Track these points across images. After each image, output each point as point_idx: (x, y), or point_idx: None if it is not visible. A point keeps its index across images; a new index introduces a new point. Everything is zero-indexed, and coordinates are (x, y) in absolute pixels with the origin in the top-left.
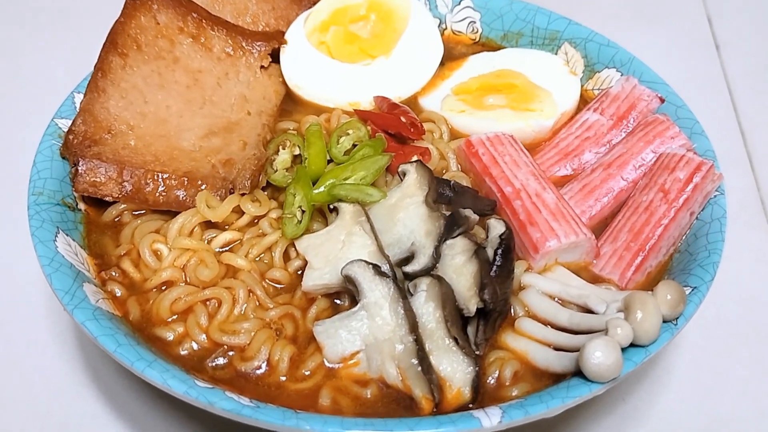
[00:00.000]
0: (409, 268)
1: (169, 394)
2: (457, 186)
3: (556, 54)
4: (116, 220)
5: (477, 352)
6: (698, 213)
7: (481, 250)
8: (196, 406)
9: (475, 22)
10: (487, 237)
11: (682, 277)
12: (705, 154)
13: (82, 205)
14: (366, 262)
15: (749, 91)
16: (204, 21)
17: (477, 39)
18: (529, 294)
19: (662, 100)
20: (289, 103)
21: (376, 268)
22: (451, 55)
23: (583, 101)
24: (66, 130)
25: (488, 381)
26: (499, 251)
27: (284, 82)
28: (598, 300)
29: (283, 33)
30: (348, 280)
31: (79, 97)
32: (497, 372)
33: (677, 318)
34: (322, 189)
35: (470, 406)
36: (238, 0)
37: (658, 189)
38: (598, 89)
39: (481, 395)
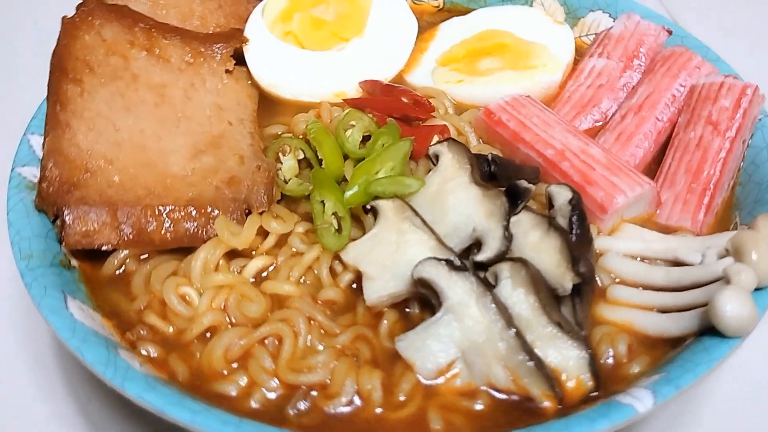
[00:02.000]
0: (481, 257)
1: None
2: (497, 158)
3: (531, 6)
4: (119, 272)
5: (583, 333)
6: (749, 140)
7: (554, 222)
8: None
9: None
10: (552, 206)
11: (763, 207)
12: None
13: (74, 262)
14: (436, 259)
15: None
16: (153, 30)
17: (441, 5)
18: (610, 259)
19: (670, 32)
20: (267, 104)
21: (450, 263)
22: (419, 27)
23: (577, 52)
24: (33, 178)
25: (604, 361)
26: (574, 218)
27: (255, 84)
28: (689, 250)
29: (241, 30)
30: (421, 283)
31: (34, 139)
32: (610, 350)
33: None
34: (356, 189)
35: (596, 394)
36: (182, 2)
37: (705, 122)
38: (588, 35)
39: (603, 379)
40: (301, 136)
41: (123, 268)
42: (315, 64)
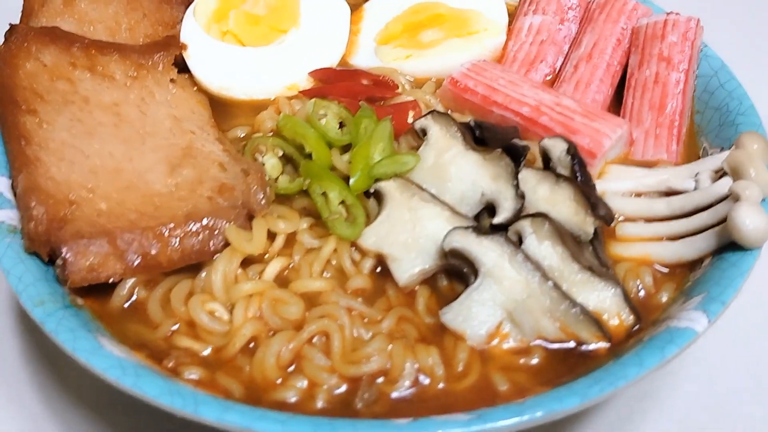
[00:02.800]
0: (500, 218)
1: None
2: (481, 123)
3: None
4: (128, 303)
5: (609, 271)
6: (696, 70)
7: (558, 173)
8: None
9: None
10: (549, 159)
11: (730, 129)
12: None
13: (80, 300)
14: (462, 228)
15: None
16: (91, 48)
17: None
18: (611, 200)
19: None
20: (216, 108)
21: (476, 229)
22: None
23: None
24: (9, 221)
25: (635, 295)
26: (576, 166)
27: (201, 89)
28: (680, 178)
29: (175, 37)
30: (453, 254)
31: (1, 181)
32: (637, 283)
33: None
34: (359, 175)
35: (636, 327)
36: (107, 17)
37: (657, 59)
38: None
39: (640, 311)
40: (270, 134)
41: (134, 297)
42: (260, 60)
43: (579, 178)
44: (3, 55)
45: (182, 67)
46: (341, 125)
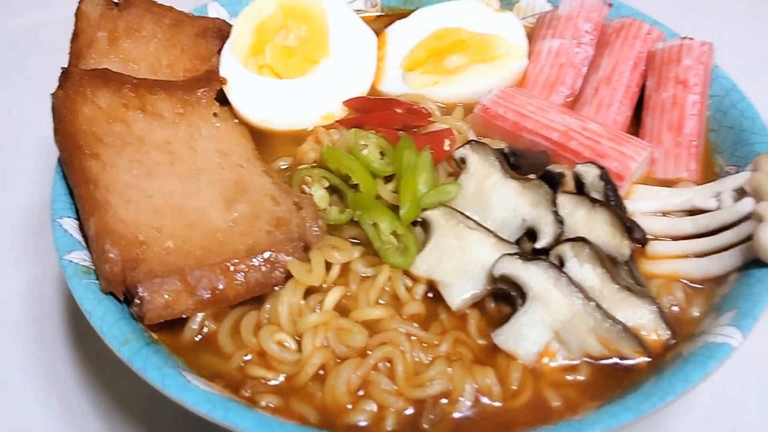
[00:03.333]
0: (542, 243)
1: None
2: (514, 151)
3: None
4: (199, 337)
5: (645, 289)
6: (709, 91)
7: (593, 197)
8: None
9: None
10: (582, 184)
11: (745, 148)
12: (672, 36)
13: (155, 336)
14: (509, 254)
15: None
16: (140, 89)
17: (380, 11)
18: (639, 219)
19: (610, 5)
20: (258, 139)
21: (523, 256)
22: None
23: None
24: (83, 262)
25: (668, 310)
26: (609, 191)
27: (242, 122)
28: (703, 198)
29: (215, 71)
30: (503, 280)
31: (66, 223)
32: (670, 298)
33: None
34: (408, 206)
35: (673, 341)
36: (149, 54)
37: (674, 82)
38: (529, 17)
39: (675, 326)
40: (313, 165)
41: (205, 329)
42: (297, 91)
43: (612, 202)
44: (62, 101)
45: (221, 99)
46: (382, 155)
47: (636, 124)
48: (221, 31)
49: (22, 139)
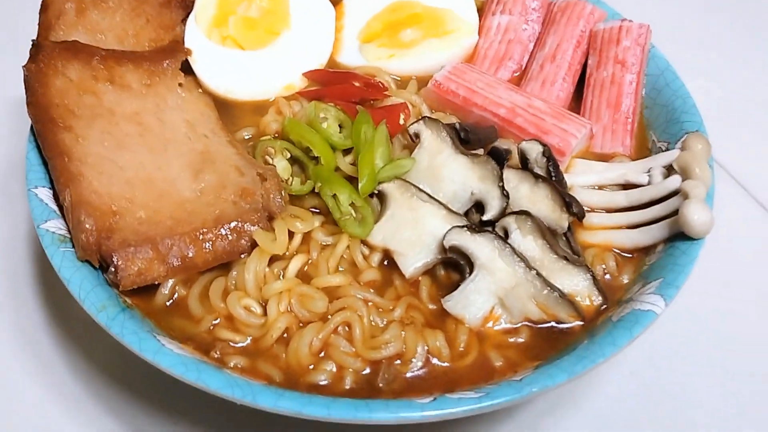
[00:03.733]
0: (488, 215)
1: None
2: (465, 126)
3: None
4: (170, 302)
5: (581, 259)
6: (645, 70)
7: (536, 173)
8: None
9: None
10: (527, 160)
11: (676, 126)
12: (614, 16)
13: (129, 301)
14: (458, 226)
15: None
16: (109, 60)
17: None
18: (577, 193)
19: None
20: (220, 109)
21: (471, 228)
22: None
23: None
24: (59, 231)
25: (602, 278)
26: (551, 166)
27: (206, 92)
28: (636, 173)
29: (179, 42)
30: (453, 250)
31: (42, 192)
32: (603, 267)
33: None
34: (366, 180)
35: (604, 306)
36: (115, 25)
37: (613, 62)
38: None
39: (606, 293)
40: (275, 135)
41: (175, 295)
42: (259, 63)
43: (554, 178)
44: (34, 74)
45: (185, 69)
46: (341, 127)
47: (578, 100)
48: (185, 1)
49: None
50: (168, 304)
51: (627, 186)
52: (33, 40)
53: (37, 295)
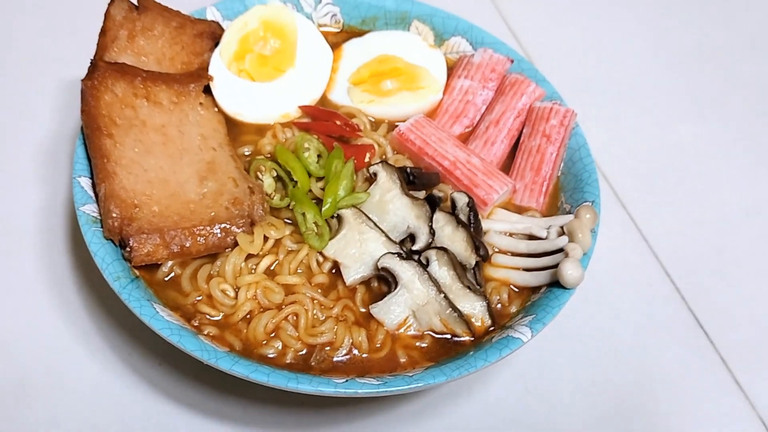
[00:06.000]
0: (416, 247)
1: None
2: (414, 170)
3: (408, 30)
4: (168, 277)
5: (482, 290)
6: (568, 143)
7: (459, 219)
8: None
9: (336, 15)
10: (455, 207)
11: (579, 194)
12: (553, 95)
13: (137, 272)
14: (391, 253)
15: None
16: (147, 81)
17: (341, 28)
18: (491, 236)
19: (512, 61)
20: (229, 126)
21: (400, 255)
22: None
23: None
24: (92, 214)
25: (495, 306)
26: (472, 215)
27: (220, 111)
28: (539, 228)
29: (205, 69)
30: (384, 269)
31: (83, 181)
32: (497, 297)
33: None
34: (329, 205)
35: (492, 328)
36: (156, 49)
37: (541, 135)
38: (452, 53)
39: (496, 317)
40: (268, 155)
41: (172, 273)
42: (265, 93)
43: (472, 225)
44: (89, 89)
45: (205, 90)
46: (318, 157)
47: (511, 158)
48: (214, 34)
49: (48, 78)
50: (166, 279)
51: (531, 236)
52: (91, 60)
53: (70, 260)
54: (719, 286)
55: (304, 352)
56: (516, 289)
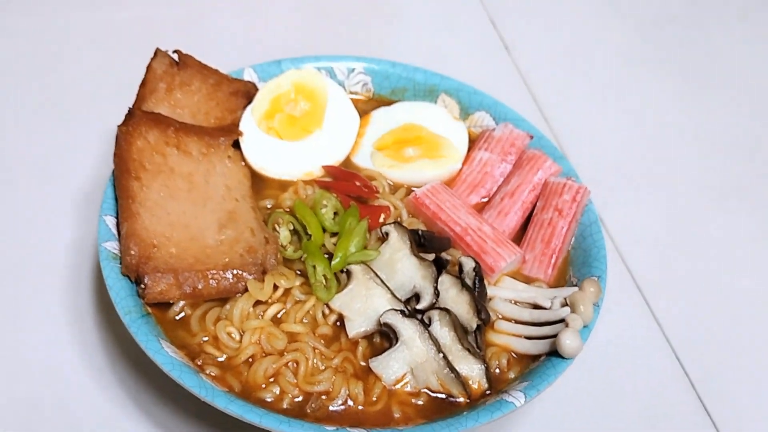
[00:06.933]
0: (421, 306)
1: None
2: (425, 234)
3: (435, 103)
4: (179, 316)
5: (481, 353)
6: (580, 219)
7: (465, 282)
8: None
9: (367, 84)
10: (462, 271)
11: (587, 269)
12: (569, 172)
13: (149, 309)
14: (395, 310)
15: (543, 84)
16: (180, 131)
17: (371, 96)
18: (496, 303)
19: (531, 137)
20: (255, 180)
21: (403, 312)
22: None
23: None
24: (113, 250)
25: (494, 371)
26: (477, 280)
27: (247, 165)
28: (543, 298)
29: (235, 124)
30: (386, 325)
31: (108, 220)
32: (497, 362)
33: (599, 301)
34: (338, 259)
35: (488, 392)
36: (192, 103)
37: (554, 209)
38: (476, 127)
39: (493, 382)
40: (287, 209)
41: (182, 313)
42: (291, 152)
43: (477, 289)
44: (123, 134)
45: (234, 144)
46: (335, 214)
47: (523, 230)
48: (249, 93)
49: (94, 126)
50: (176, 318)
51: (536, 306)
52: (129, 108)
53: (92, 296)
54: (731, 375)
55: (300, 399)
56: (516, 356)
